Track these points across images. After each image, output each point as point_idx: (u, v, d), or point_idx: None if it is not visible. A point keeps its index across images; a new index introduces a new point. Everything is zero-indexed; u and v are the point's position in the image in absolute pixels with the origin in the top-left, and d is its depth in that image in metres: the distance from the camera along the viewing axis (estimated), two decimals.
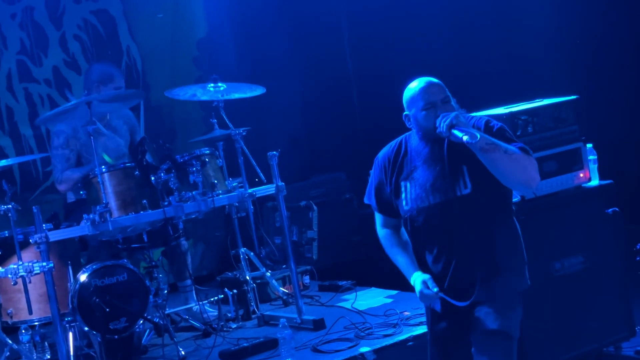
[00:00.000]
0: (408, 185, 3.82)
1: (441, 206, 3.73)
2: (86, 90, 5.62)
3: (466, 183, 3.72)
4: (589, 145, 5.19)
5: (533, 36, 6.05)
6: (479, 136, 3.55)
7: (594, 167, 5.24)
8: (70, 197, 5.95)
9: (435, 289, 3.67)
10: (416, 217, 3.80)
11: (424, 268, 3.79)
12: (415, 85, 3.85)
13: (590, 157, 5.21)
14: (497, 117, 5.01)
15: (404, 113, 3.87)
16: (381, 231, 4.00)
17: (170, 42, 7.51)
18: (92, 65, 6.27)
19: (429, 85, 3.82)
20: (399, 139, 3.96)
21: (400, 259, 3.86)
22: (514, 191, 4.08)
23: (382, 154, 3.96)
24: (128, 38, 7.33)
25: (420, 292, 3.71)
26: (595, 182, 5.23)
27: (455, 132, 3.58)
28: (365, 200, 4.06)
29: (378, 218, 4.01)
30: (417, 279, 3.73)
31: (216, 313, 5.65)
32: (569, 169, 5.10)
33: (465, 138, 3.53)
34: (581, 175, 5.13)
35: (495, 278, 3.74)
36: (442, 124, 3.64)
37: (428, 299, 3.75)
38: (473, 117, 3.85)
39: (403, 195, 3.83)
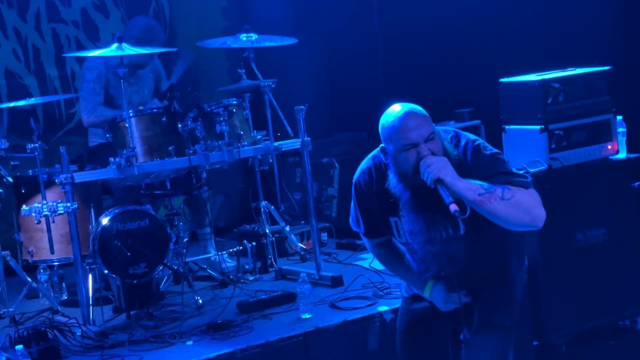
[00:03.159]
0: (397, 222, 3.53)
1: (435, 243, 3.50)
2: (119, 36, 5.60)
3: (458, 226, 3.44)
4: (619, 117, 5.16)
5: (569, 2, 5.97)
6: (468, 211, 3.23)
7: (622, 140, 5.22)
8: (93, 141, 5.96)
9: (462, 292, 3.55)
10: (410, 247, 3.60)
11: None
12: (394, 118, 3.38)
13: (620, 130, 5.18)
14: (529, 83, 4.99)
15: (381, 145, 3.46)
16: (374, 250, 3.82)
17: None
18: (138, 18, 6.09)
19: (412, 119, 3.36)
20: (370, 163, 3.57)
21: (404, 274, 3.72)
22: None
23: (361, 181, 3.59)
24: None
25: (444, 301, 3.59)
26: (622, 154, 5.21)
27: (442, 193, 3.24)
28: (353, 227, 3.74)
29: (366, 240, 3.79)
30: (435, 289, 3.60)
31: (234, 264, 5.67)
32: (598, 140, 5.08)
33: (452, 208, 3.20)
34: (609, 147, 5.11)
35: (497, 288, 3.65)
36: (427, 175, 3.27)
37: (451, 304, 3.60)
38: (459, 140, 3.46)
39: (394, 230, 3.58)
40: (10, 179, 5.38)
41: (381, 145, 3.47)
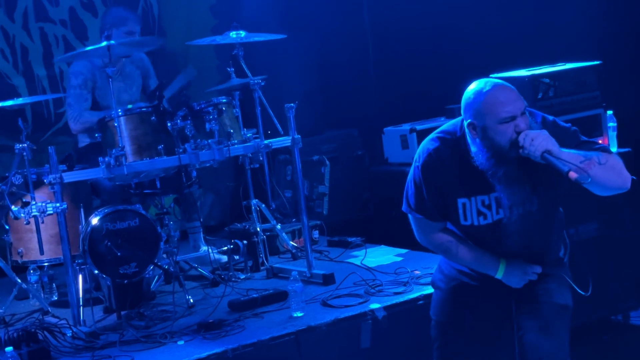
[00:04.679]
0: (467, 203, 3.56)
1: (504, 221, 3.56)
2: (105, 32, 5.60)
3: (533, 201, 3.52)
4: (610, 112, 5.16)
5: None
6: (589, 178, 3.27)
7: (613, 135, 5.22)
8: (82, 141, 5.94)
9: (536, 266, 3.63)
10: (473, 228, 3.62)
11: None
12: (488, 91, 3.42)
13: (610, 124, 5.19)
14: (519, 79, 4.98)
15: (468, 121, 3.47)
16: (437, 237, 3.71)
17: None
18: (109, 8, 6.26)
19: (508, 93, 3.42)
20: (435, 144, 3.58)
21: (471, 257, 3.68)
22: None
23: (429, 163, 3.57)
24: None
25: (519, 277, 3.63)
26: (613, 149, 5.20)
27: (555, 163, 3.27)
28: (414, 211, 3.68)
29: (429, 225, 3.69)
30: (510, 266, 3.63)
31: (225, 260, 5.65)
32: (588, 135, 4.99)
33: (572, 176, 3.22)
34: (600, 141, 5.09)
35: (549, 257, 3.72)
36: (531, 146, 3.30)
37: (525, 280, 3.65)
38: (535, 116, 3.53)
39: (460, 212, 3.58)
40: None
41: (468, 120, 3.47)
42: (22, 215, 4.73)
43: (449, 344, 3.81)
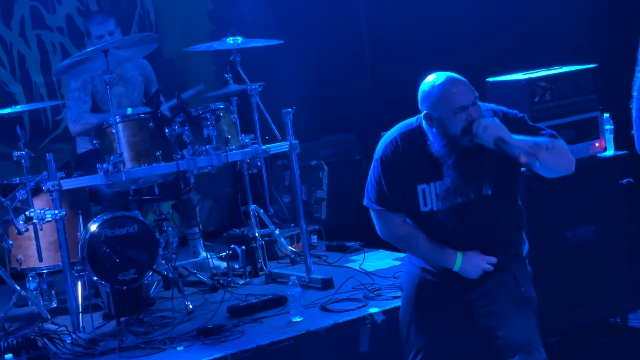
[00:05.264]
0: (426, 188, 3.71)
1: (462, 206, 3.68)
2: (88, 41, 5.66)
3: (488, 185, 3.67)
4: (606, 115, 5.17)
5: (554, 1, 5.98)
6: (537, 162, 3.48)
7: (609, 137, 5.22)
8: (80, 148, 5.95)
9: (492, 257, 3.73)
10: (433, 215, 3.73)
11: None
12: (441, 84, 3.64)
13: (607, 127, 5.19)
14: (516, 83, 5.00)
15: (424, 112, 3.67)
16: (397, 229, 3.81)
17: None
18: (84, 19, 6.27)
19: (459, 85, 3.64)
20: (394, 135, 3.76)
21: (429, 249, 3.77)
22: None
23: (388, 154, 3.74)
24: None
25: (474, 268, 3.72)
26: (610, 152, 5.22)
27: (506, 148, 3.47)
28: (374, 204, 3.80)
29: (390, 217, 3.80)
30: (466, 258, 3.73)
31: (224, 265, 5.66)
32: (585, 138, 5.08)
33: (522, 160, 3.46)
34: (597, 144, 5.12)
35: (507, 251, 3.80)
36: (484, 134, 3.51)
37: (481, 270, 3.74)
38: (485, 106, 3.71)
39: (420, 198, 3.72)
40: None
41: (424, 112, 3.66)
42: (25, 230, 4.76)
43: (416, 342, 3.83)
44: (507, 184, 3.75)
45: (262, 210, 6.04)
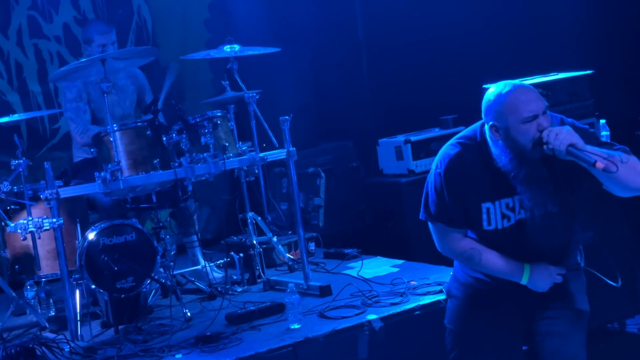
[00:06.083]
0: (491, 207, 3.57)
1: (525, 222, 3.57)
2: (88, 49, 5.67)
3: (554, 201, 3.54)
4: (602, 121, 5.18)
5: (550, 8, 6.01)
6: (617, 169, 3.26)
7: None
8: (77, 157, 5.94)
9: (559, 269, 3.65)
10: (495, 232, 3.61)
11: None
12: (508, 92, 3.44)
13: (603, 133, 5.20)
14: None
15: (490, 123, 3.48)
16: (461, 244, 3.68)
17: (182, 3, 7.46)
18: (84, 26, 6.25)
19: (528, 93, 3.45)
20: (456, 149, 3.58)
21: (497, 265, 3.64)
22: None
23: (452, 169, 3.57)
24: None
25: (548, 280, 3.63)
26: None
27: (580, 154, 3.27)
28: (434, 219, 3.67)
29: (450, 233, 3.67)
30: (534, 270, 3.63)
31: (222, 275, 5.66)
32: None
33: (599, 166, 3.24)
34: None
35: (567, 264, 3.75)
36: (556, 141, 3.31)
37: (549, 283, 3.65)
38: (552, 116, 3.53)
39: (484, 217, 3.58)
40: None
41: (490, 123, 3.47)
42: (18, 230, 4.74)
43: (466, 353, 3.79)
44: (574, 202, 3.59)
45: (259, 218, 6.05)
